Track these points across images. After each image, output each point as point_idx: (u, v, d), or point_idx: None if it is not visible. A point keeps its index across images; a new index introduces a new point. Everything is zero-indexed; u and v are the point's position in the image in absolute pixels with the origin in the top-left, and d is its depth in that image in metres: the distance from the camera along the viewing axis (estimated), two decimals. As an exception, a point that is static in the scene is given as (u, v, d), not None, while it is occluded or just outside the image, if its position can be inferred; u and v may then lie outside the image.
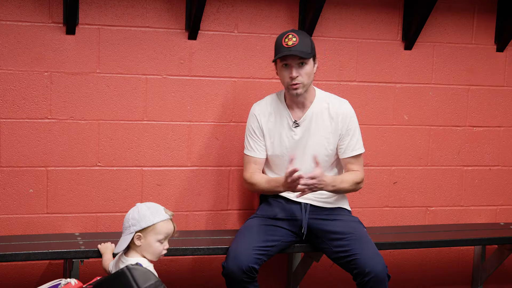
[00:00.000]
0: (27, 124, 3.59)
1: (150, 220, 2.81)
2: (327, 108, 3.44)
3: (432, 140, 4.21)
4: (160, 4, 3.69)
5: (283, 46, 3.32)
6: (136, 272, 2.43)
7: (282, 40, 3.34)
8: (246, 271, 3.15)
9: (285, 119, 3.45)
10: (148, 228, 2.81)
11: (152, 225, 2.81)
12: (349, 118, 3.45)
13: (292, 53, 3.29)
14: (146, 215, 2.81)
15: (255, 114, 3.51)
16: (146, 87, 3.73)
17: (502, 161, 4.34)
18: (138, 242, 2.82)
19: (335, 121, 3.43)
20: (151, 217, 2.82)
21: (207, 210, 3.90)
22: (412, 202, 4.22)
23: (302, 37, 3.33)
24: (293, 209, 3.45)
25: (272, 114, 3.47)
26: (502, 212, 4.38)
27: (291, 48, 3.29)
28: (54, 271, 3.69)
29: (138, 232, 2.81)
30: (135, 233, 2.81)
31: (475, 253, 4.26)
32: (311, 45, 3.36)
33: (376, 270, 3.20)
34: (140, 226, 2.81)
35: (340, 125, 3.43)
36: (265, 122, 3.47)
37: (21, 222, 3.63)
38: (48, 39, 3.56)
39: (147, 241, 2.82)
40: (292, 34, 3.33)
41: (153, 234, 2.82)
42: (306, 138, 3.42)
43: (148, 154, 3.76)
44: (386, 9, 4.02)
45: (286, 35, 3.33)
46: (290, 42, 3.30)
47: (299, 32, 3.36)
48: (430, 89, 4.17)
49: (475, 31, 4.19)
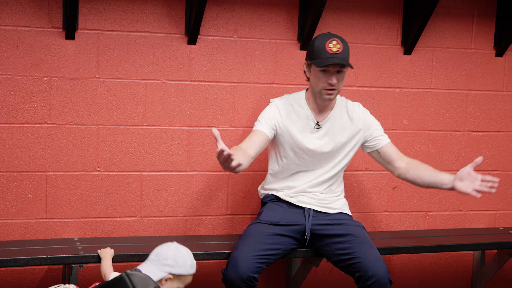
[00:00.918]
0: (26, 129, 3.59)
1: (187, 271, 2.89)
2: (345, 111, 3.48)
3: (431, 145, 4.21)
4: (159, 9, 3.69)
5: (327, 52, 3.27)
6: (135, 277, 2.43)
7: (325, 45, 3.28)
8: (246, 280, 3.15)
9: (307, 120, 3.44)
10: (181, 276, 2.87)
11: (185, 275, 2.88)
12: (368, 116, 3.52)
13: (340, 61, 3.27)
14: (186, 264, 2.88)
15: (277, 106, 3.45)
16: (146, 92, 3.73)
17: (501, 165, 4.35)
18: (165, 283, 2.85)
19: (355, 122, 3.48)
20: (188, 268, 2.89)
21: (206, 215, 3.90)
22: (411, 206, 4.22)
23: (344, 44, 3.31)
24: (296, 214, 3.44)
25: (293, 113, 3.44)
26: (502, 217, 4.38)
27: (336, 55, 3.27)
28: (53, 276, 3.69)
29: (171, 274, 2.85)
30: (167, 274, 2.85)
31: (475, 258, 4.26)
32: (349, 51, 3.36)
33: (378, 274, 3.20)
34: (176, 272, 2.85)
35: (362, 124, 3.49)
36: (286, 117, 3.43)
37: (20, 227, 3.63)
38: (48, 44, 3.56)
39: (170, 286, 2.86)
40: (336, 40, 3.30)
41: (179, 282, 2.88)
42: (326, 140, 3.44)
43: (148, 159, 3.76)
44: (385, 14, 4.03)
45: (330, 40, 3.29)
46: (334, 49, 3.27)
47: (341, 38, 3.33)
48: (429, 94, 4.17)
49: (475, 36, 4.20)
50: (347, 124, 3.47)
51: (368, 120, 3.53)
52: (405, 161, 3.55)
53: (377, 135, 3.53)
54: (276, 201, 3.49)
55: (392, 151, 3.55)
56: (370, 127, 3.52)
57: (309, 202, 3.44)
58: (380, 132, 3.55)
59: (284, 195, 3.48)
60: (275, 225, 3.39)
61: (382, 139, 3.54)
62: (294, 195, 3.46)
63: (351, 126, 3.48)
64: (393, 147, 3.57)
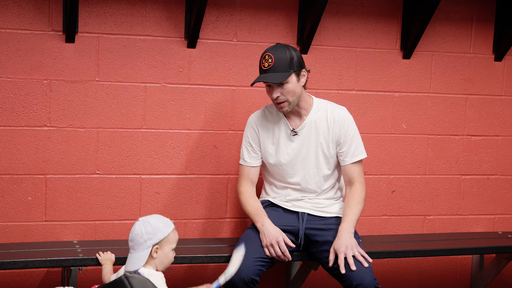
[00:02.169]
0: (26, 132, 3.59)
1: (165, 231, 2.89)
2: (325, 115, 3.41)
3: (430, 149, 4.22)
4: (159, 12, 3.70)
5: (261, 68, 3.29)
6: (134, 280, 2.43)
7: (260, 61, 3.31)
8: (248, 282, 3.16)
9: (283, 128, 3.43)
10: (164, 239, 2.88)
11: (167, 236, 2.89)
12: (346, 125, 3.40)
13: (263, 79, 3.27)
14: (159, 227, 2.88)
15: (252, 124, 3.49)
16: (145, 95, 3.74)
17: (500, 170, 4.35)
18: (155, 255, 2.87)
19: (332, 129, 3.40)
20: (164, 229, 2.89)
21: (205, 218, 3.91)
22: (410, 210, 4.23)
23: (278, 55, 3.25)
24: (290, 218, 3.45)
25: (269, 123, 3.45)
26: (500, 221, 4.39)
27: (267, 70, 3.26)
28: (52, 279, 3.69)
29: (155, 245, 2.87)
30: (152, 246, 2.86)
31: (473, 262, 4.26)
32: (290, 62, 3.26)
33: (364, 282, 3.18)
34: (157, 239, 2.86)
35: (338, 133, 3.40)
36: (262, 132, 3.46)
37: (20, 229, 3.63)
38: (48, 47, 3.57)
39: (164, 252, 2.89)
40: (268, 54, 3.27)
41: (167, 244, 2.89)
42: (306, 146, 3.42)
43: (147, 162, 3.77)
44: (384, 18, 4.04)
45: (264, 55, 3.29)
46: (266, 64, 3.27)
47: (277, 49, 3.28)
48: (428, 98, 4.18)
49: (473, 41, 4.21)
50: (325, 130, 3.40)
51: (342, 129, 3.39)
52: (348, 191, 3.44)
53: (344, 151, 3.40)
54: (272, 206, 3.51)
55: (350, 172, 3.42)
56: (341, 138, 3.40)
57: (304, 206, 3.44)
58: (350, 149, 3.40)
59: (279, 201, 3.49)
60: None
61: (346, 160, 3.41)
62: (288, 200, 3.47)
63: (328, 133, 3.40)
64: (354, 168, 3.41)
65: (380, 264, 4.17)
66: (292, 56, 3.29)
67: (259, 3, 3.84)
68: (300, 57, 3.33)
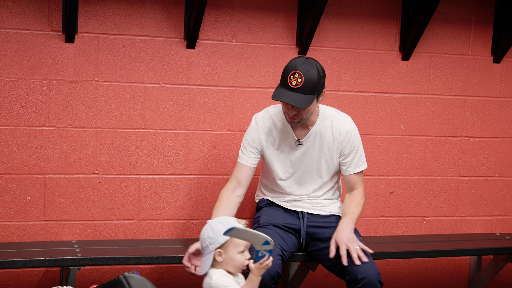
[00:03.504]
0: (25, 132, 3.60)
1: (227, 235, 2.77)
2: (330, 126, 3.36)
3: (428, 150, 4.22)
4: (158, 13, 3.71)
5: (287, 83, 3.14)
6: (132, 280, 2.44)
7: (288, 76, 3.14)
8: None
9: (288, 136, 3.37)
10: (227, 243, 2.78)
11: (230, 239, 2.77)
12: (351, 136, 3.38)
13: (289, 101, 3.13)
14: (221, 230, 2.76)
15: (256, 127, 3.40)
16: (144, 96, 3.74)
17: (498, 171, 4.36)
18: (219, 259, 2.79)
19: (337, 139, 3.36)
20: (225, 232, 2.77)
21: (204, 218, 3.89)
22: (408, 212, 4.23)
23: (309, 76, 3.12)
24: (291, 217, 3.45)
25: (274, 129, 3.38)
26: (498, 223, 4.40)
27: (293, 90, 3.12)
28: (51, 278, 3.69)
29: (217, 249, 2.78)
30: (214, 251, 2.79)
31: (471, 263, 4.27)
32: (317, 84, 3.16)
33: (368, 276, 3.20)
34: (218, 243, 2.78)
35: (343, 144, 3.37)
36: (265, 136, 3.38)
37: (18, 229, 3.64)
38: (47, 47, 3.57)
39: (229, 256, 2.78)
40: (298, 73, 3.12)
41: (232, 248, 2.78)
42: (309, 155, 3.38)
43: (146, 162, 3.77)
44: (383, 19, 4.05)
45: (293, 72, 3.13)
46: (294, 82, 3.13)
47: (308, 68, 3.14)
48: (427, 100, 4.19)
49: (472, 42, 4.22)
50: (330, 140, 3.36)
51: (348, 141, 3.37)
52: (348, 195, 3.45)
53: (347, 161, 3.39)
54: (271, 205, 3.50)
55: (352, 181, 3.43)
56: (346, 149, 3.38)
57: (303, 206, 3.44)
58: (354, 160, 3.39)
59: (278, 201, 3.49)
60: (277, 226, 3.40)
61: (348, 170, 3.40)
62: (287, 200, 3.47)
63: (333, 143, 3.37)
64: (355, 178, 3.42)
65: (378, 265, 4.13)
66: (320, 76, 3.18)
67: (258, 4, 3.85)
68: (324, 74, 3.23)
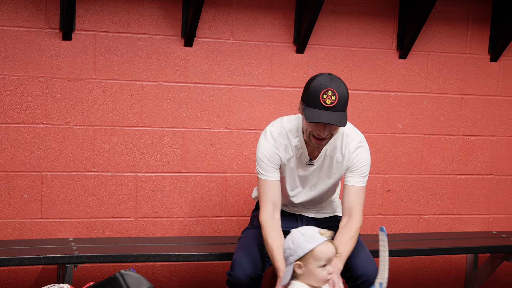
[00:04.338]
0: (22, 129, 3.60)
1: (306, 247, 2.68)
2: (340, 146, 3.25)
3: (425, 149, 4.23)
4: (156, 11, 3.71)
5: (321, 103, 2.97)
6: (129, 277, 2.44)
7: (320, 95, 2.98)
8: (255, 278, 3.15)
9: (301, 155, 3.24)
10: (306, 256, 2.68)
11: (309, 252, 2.68)
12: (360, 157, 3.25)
13: (330, 121, 2.97)
14: (300, 242, 2.69)
15: (275, 144, 3.20)
16: (142, 94, 3.74)
17: (495, 170, 4.37)
18: (299, 271, 2.70)
19: (346, 160, 3.26)
20: (306, 244, 2.69)
21: (201, 216, 3.91)
22: (405, 210, 4.24)
23: (341, 93, 3.00)
24: (289, 221, 3.44)
25: (289, 146, 3.23)
26: (495, 221, 4.40)
27: (329, 109, 2.97)
28: (47, 276, 3.69)
29: (297, 261, 2.70)
30: (294, 262, 2.70)
31: (468, 261, 4.28)
32: (347, 100, 3.04)
33: (368, 273, 3.20)
34: (297, 255, 2.69)
35: (351, 163, 3.25)
36: (284, 154, 3.23)
37: (15, 227, 3.64)
38: (45, 44, 3.57)
39: (308, 269, 2.69)
40: (332, 91, 2.98)
41: (313, 261, 2.68)
42: (316, 174, 3.29)
43: (143, 160, 3.78)
44: (381, 18, 4.05)
45: (326, 90, 2.98)
46: (328, 101, 2.98)
47: (338, 84, 3.02)
48: (424, 98, 4.19)
49: (469, 41, 4.22)
50: (339, 160, 3.26)
51: (356, 159, 3.25)
52: (344, 222, 3.22)
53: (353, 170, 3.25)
54: None
55: (350, 197, 3.22)
56: (353, 164, 3.25)
57: (302, 210, 3.44)
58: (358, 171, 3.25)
59: None
60: None
61: (351, 180, 3.24)
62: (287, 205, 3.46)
63: (341, 163, 3.27)
64: (356, 196, 3.22)
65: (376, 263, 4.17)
66: (348, 93, 3.07)
67: (256, 2, 3.85)
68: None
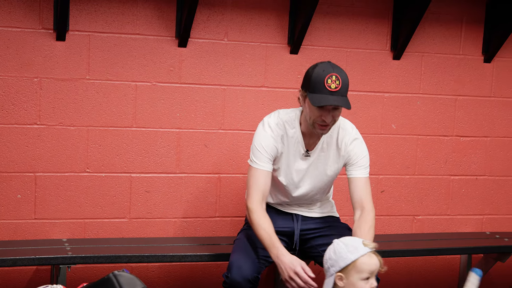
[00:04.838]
0: (15, 130, 3.59)
1: (348, 258, 2.60)
2: (336, 138, 3.30)
3: (419, 150, 4.24)
4: (150, 11, 3.70)
5: (326, 88, 3.05)
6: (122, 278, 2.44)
7: (324, 80, 3.05)
8: (252, 280, 3.15)
9: (298, 146, 3.28)
10: (348, 267, 2.60)
11: (352, 263, 2.60)
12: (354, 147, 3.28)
13: (337, 103, 3.05)
14: (342, 252, 2.61)
15: (272, 135, 3.25)
16: (136, 94, 3.74)
17: (488, 170, 4.38)
18: (340, 283, 2.61)
19: (341, 152, 3.29)
20: (348, 255, 2.61)
21: (195, 217, 3.91)
22: (399, 210, 4.25)
23: (344, 78, 3.08)
24: (284, 220, 3.44)
25: (285, 137, 3.27)
26: (488, 222, 4.41)
27: (335, 93, 3.05)
28: (41, 277, 3.69)
29: (338, 272, 2.61)
30: (335, 274, 2.62)
31: (461, 262, 4.28)
32: (348, 85, 3.12)
33: None
34: (339, 266, 2.61)
35: (348, 156, 3.29)
36: (280, 144, 3.27)
37: (9, 227, 3.63)
38: (38, 45, 3.57)
39: (350, 281, 2.60)
40: (336, 75, 3.05)
41: (354, 273, 2.59)
42: (313, 166, 3.32)
43: (137, 160, 3.77)
44: (375, 19, 4.06)
45: (330, 75, 3.05)
46: (333, 85, 3.05)
47: (340, 72, 3.09)
48: (418, 99, 4.20)
49: (463, 42, 4.23)
50: (334, 152, 3.30)
51: (353, 152, 3.29)
52: (358, 214, 3.25)
53: (354, 163, 3.29)
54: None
55: (357, 188, 3.26)
56: (351, 157, 3.29)
57: (297, 209, 3.44)
58: (359, 163, 3.29)
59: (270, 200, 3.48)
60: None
61: (354, 173, 3.27)
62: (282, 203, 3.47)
63: (337, 155, 3.30)
64: (363, 187, 3.26)
65: (369, 264, 4.18)
66: (348, 79, 3.14)
67: (250, 3, 3.85)
68: None
